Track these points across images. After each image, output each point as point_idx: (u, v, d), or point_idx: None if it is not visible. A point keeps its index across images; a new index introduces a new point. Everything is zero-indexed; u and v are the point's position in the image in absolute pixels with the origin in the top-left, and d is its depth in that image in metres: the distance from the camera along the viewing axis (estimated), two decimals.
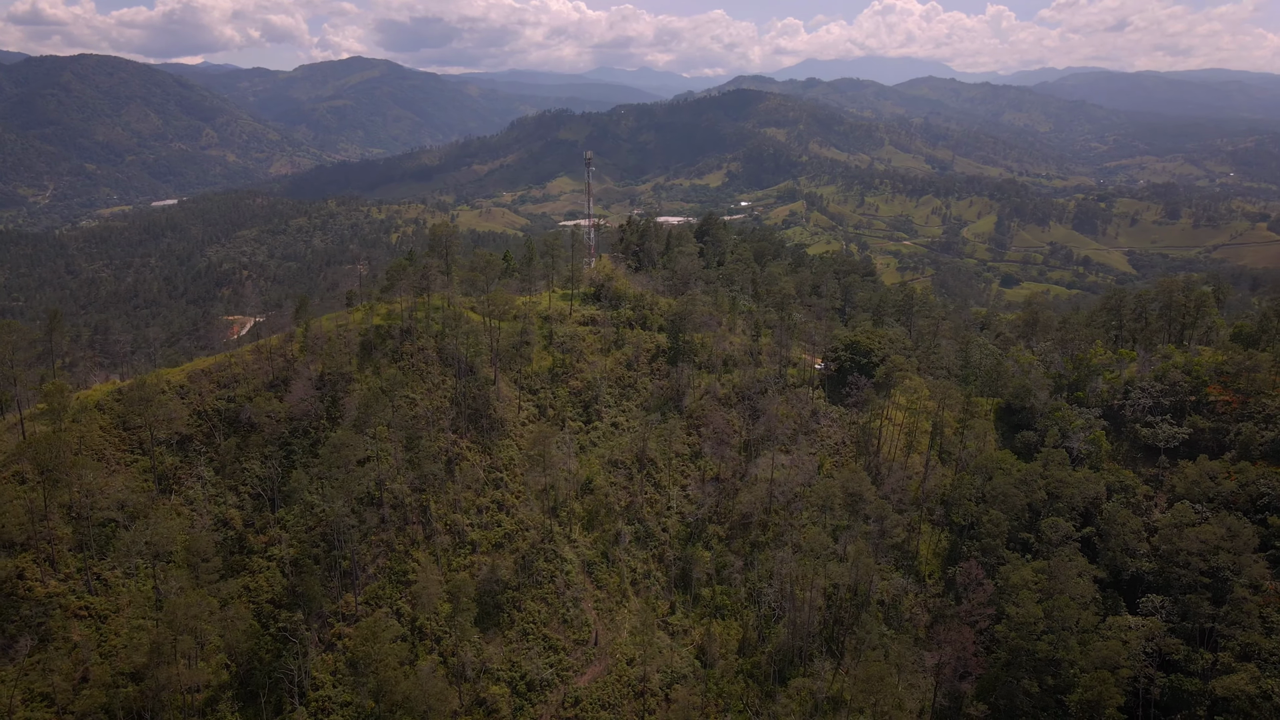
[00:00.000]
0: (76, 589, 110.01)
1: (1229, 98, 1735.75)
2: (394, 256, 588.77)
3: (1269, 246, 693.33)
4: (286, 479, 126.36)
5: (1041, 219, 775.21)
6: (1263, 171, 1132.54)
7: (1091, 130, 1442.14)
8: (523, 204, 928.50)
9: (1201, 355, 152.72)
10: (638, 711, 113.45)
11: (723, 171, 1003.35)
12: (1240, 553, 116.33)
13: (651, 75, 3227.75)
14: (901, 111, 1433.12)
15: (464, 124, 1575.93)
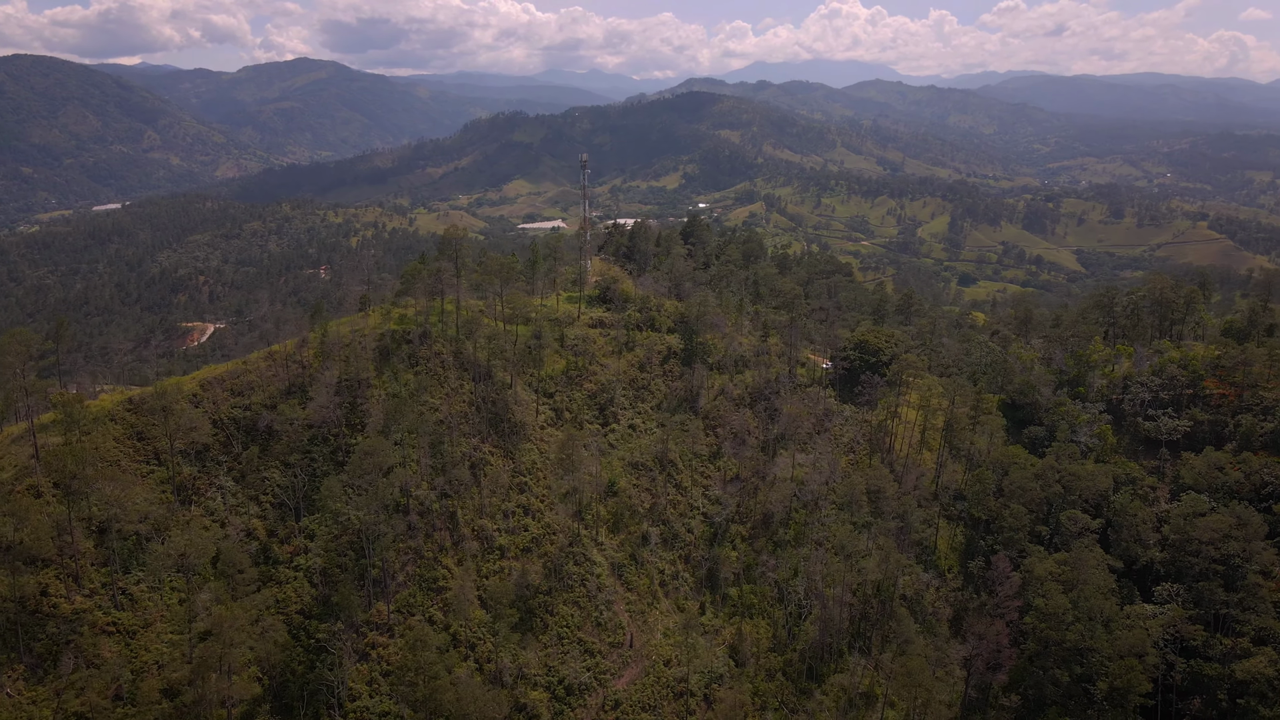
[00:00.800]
0: (103, 604, 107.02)
1: (1162, 100, 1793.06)
2: (355, 261, 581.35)
3: (1210, 244, 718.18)
4: (311, 487, 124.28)
5: (993, 219, 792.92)
6: (1197, 172, 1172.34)
7: (1034, 132, 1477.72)
8: (479, 207, 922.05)
9: (1195, 350, 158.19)
10: (678, 713, 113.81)
11: (679, 173, 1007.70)
12: (1250, 540, 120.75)
13: (602, 77, 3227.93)
14: (850, 114, 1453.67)
15: (414, 126, 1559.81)
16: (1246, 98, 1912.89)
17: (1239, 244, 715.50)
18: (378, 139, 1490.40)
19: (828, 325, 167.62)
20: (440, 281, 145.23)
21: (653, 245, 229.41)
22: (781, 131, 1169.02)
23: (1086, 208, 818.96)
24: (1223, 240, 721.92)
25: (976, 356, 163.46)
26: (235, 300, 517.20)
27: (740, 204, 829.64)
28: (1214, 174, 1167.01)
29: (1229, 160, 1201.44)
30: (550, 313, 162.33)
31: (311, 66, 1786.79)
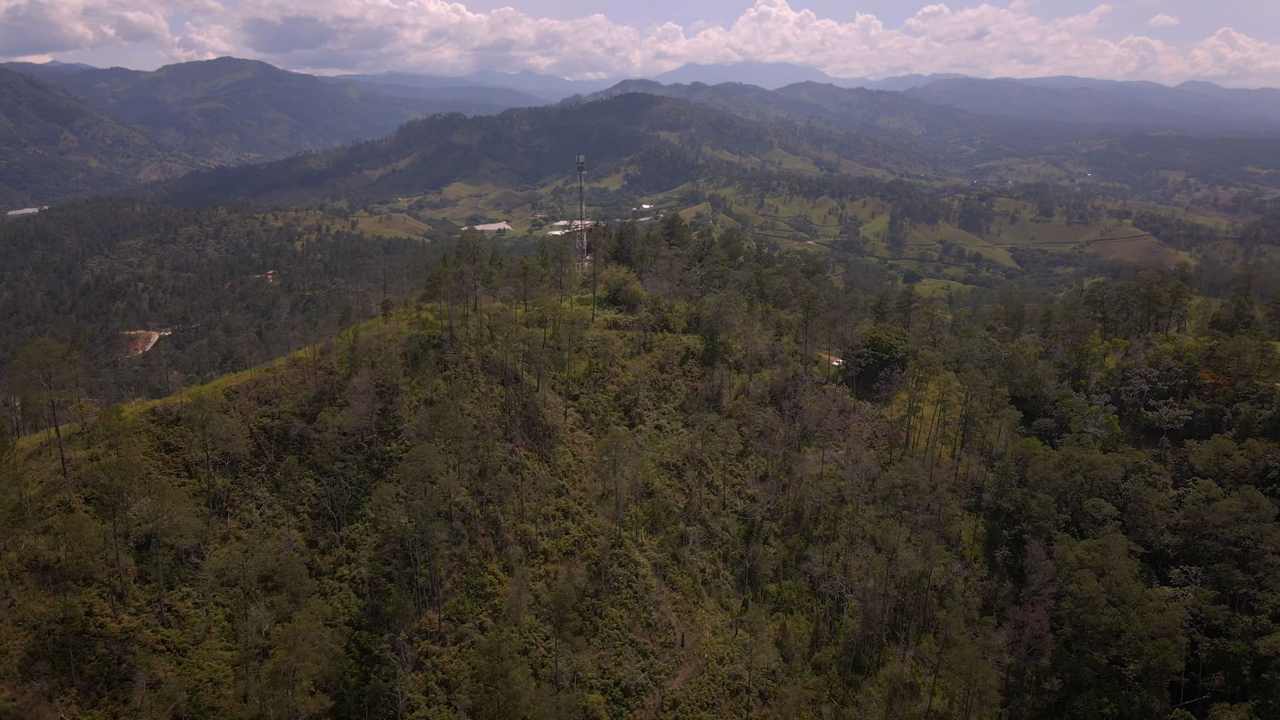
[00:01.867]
0: (150, 622, 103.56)
1: (1078, 103, 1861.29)
2: (302, 265, 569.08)
3: (1135, 241, 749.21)
4: (348, 496, 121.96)
5: (931, 218, 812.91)
6: (1115, 171, 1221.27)
7: (960, 134, 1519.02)
8: (420, 209, 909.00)
9: (1187, 341, 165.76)
10: (736, 709, 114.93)
11: (621, 174, 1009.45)
12: (1262, 522, 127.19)
13: (534, 79, 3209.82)
14: (784, 115, 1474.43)
15: (345, 127, 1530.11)
16: (1156, 100, 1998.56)
17: (1162, 240, 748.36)
18: (308, 141, 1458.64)
19: (839, 324, 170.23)
20: (464, 284, 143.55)
21: (642, 246, 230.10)
22: (719, 133, 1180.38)
23: (1018, 207, 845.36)
24: (1147, 237, 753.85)
25: (979, 352, 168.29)
26: (179, 307, 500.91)
27: (685, 204, 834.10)
28: (1131, 173, 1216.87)
29: (1144, 160, 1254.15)
30: (564, 315, 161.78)
31: (236, 66, 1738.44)
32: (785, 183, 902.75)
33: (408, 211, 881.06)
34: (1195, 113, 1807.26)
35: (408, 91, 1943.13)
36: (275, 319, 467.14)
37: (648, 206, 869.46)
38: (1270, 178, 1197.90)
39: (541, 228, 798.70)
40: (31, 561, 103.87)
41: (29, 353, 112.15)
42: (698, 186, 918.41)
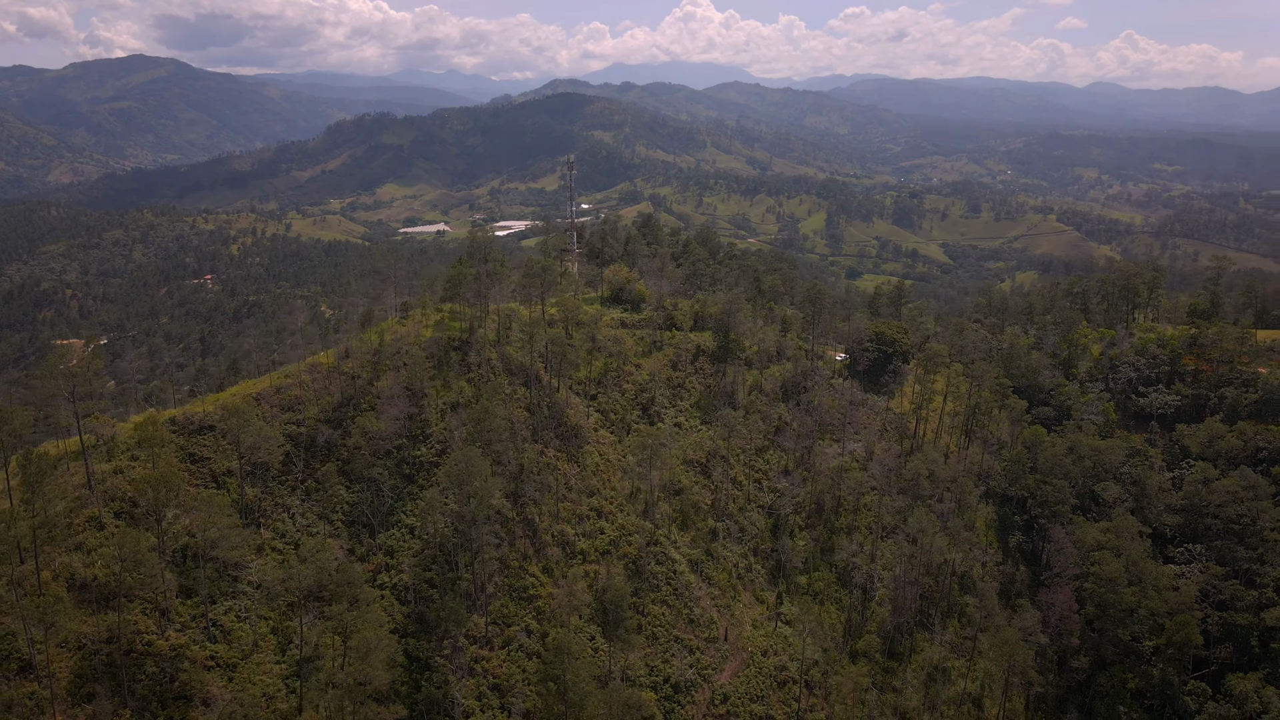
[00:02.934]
0: (196, 638, 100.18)
1: (994, 103, 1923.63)
2: (241, 269, 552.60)
3: (1060, 236, 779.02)
4: (381, 502, 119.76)
5: (865, 215, 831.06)
6: (1033, 169, 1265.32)
7: (885, 133, 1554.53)
8: (354, 211, 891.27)
9: (1167, 330, 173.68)
10: (784, 700, 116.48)
11: (556, 175, 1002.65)
12: (1259, 500, 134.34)
13: (460, 78, 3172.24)
14: (714, 114, 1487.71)
15: (268, 128, 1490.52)
16: (1067, 100, 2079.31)
17: (1085, 235, 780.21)
18: (229, 141, 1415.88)
19: (840, 320, 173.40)
20: (482, 286, 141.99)
21: (620, 245, 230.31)
22: (653, 132, 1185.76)
23: (947, 204, 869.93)
24: (1070, 232, 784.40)
25: (981, 345, 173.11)
26: (113, 314, 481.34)
27: (625, 204, 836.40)
28: (1048, 171, 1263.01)
29: (1059, 158, 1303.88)
30: (583, 315, 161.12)
31: (149, 64, 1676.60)
32: (722, 181, 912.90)
33: (341, 213, 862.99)
34: (1103, 112, 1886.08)
35: (331, 91, 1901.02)
36: (218, 325, 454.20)
37: (587, 206, 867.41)
38: (1176, 174, 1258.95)
39: (481, 228, 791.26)
40: (68, 580, 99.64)
41: (51, 363, 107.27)
42: (635, 186, 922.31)
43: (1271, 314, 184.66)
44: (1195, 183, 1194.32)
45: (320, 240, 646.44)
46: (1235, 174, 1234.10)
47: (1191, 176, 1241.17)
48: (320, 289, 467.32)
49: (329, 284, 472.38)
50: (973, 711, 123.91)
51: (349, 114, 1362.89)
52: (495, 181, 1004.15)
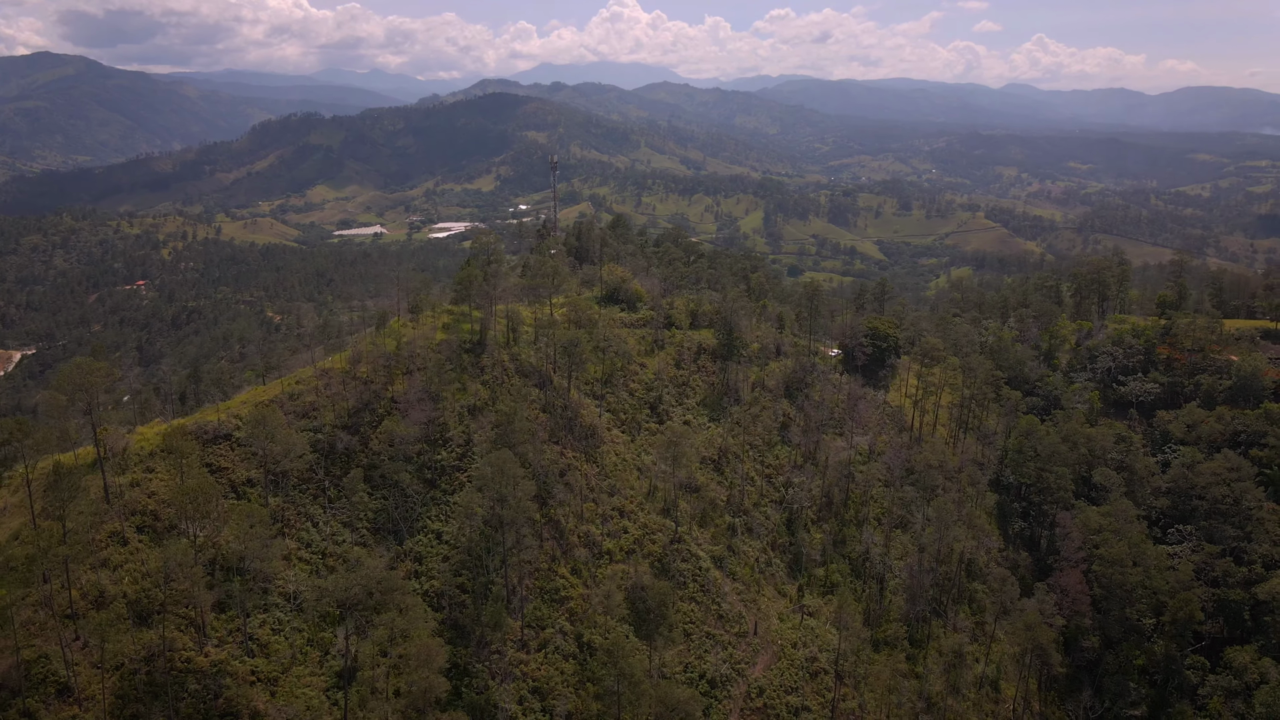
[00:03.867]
0: (235, 653, 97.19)
1: (916, 103, 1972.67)
2: (175, 275, 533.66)
3: (989, 233, 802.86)
4: (406, 508, 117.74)
5: (802, 214, 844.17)
6: (956, 168, 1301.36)
7: (813, 132, 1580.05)
8: (285, 214, 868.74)
9: (1141, 323, 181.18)
10: (817, 691, 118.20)
11: (493, 175, 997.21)
12: (1243, 481, 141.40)
13: (385, 77, 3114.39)
14: (645, 114, 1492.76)
15: (185, 128, 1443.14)
16: (984, 101, 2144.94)
17: (1012, 231, 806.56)
18: (144, 142, 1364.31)
19: (828, 316, 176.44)
20: (491, 287, 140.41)
21: (596, 244, 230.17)
22: (587, 132, 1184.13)
23: (880, 202, 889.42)
24: (999, 229, 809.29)
25: (974, 338, 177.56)
26: (40, 322, 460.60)
27: (564, 204, 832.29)
28: (970, 169, 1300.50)
29: (980, 157, 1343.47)
30: (596, 316, 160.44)
31: (55, 62, 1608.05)
32: (660, 181, 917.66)
33: (271, 215, 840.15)
34: (1018, 112, 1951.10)
35: (252, 90, 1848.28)
36: (156, 332, 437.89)
37: (525, 207, 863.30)
38: (1089, 172, 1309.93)
39: (420, 230, 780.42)
40: (97, 599, 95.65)
41: (67, 374, 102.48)
42: (573, 186, 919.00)
43: (1230, 304, 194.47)
44: (1108, 180, 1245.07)
45: (255, 244, 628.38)
46: (1144, 172, 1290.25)
47: (1104, 174, 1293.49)
48: (264, 293, 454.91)
49: (272, 289, 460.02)
50: (991, 694, 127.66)
51: (271, 114, 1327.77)
52: (430, 183, 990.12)
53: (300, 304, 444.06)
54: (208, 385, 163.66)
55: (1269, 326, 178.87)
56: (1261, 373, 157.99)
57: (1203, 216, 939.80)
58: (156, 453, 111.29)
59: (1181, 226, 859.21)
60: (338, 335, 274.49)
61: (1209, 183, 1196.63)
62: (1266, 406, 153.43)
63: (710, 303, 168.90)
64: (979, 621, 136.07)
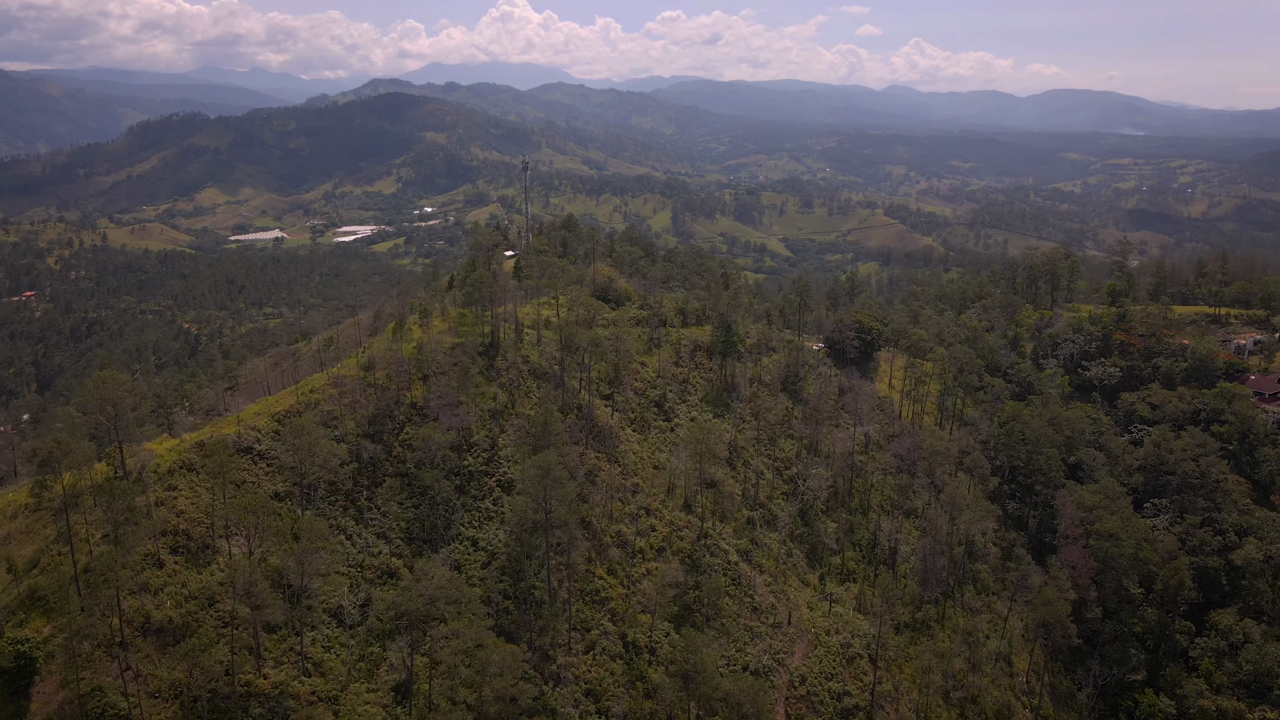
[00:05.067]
0: (291, 674, 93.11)
1: (805, 104, 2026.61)
2: (68, 284, 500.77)
3: (888, 229, 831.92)
4: (437, 516, 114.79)
5: (709, 212, 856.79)
6: (848, 166, 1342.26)
7: (708, 133, 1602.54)
8: (173, 218, 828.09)
9: (1091, 310, 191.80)
10: (854, 675, 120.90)
11: (394, 178, 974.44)
12: (1210, 455, 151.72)
13: (267, 76, 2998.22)
14: (542, 115, 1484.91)
15: (50, 129, 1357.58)
16: (868, 102, 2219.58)
17: (909, 228, 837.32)
18: (4, 143, 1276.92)
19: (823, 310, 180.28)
20: (498, 289, 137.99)
21: (557, 246, 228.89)
22: (487, 133, 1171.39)
23: (783, 200, 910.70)
24: (897, 225, 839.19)
25: (955, 329, 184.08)
26: None
27: (472, 206, 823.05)
28: (861, 168, 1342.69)
29: (869, 156, 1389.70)
30: (607, 316, 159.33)
31: None
32: (566, 182, 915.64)
33: (159, 221, 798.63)
34: (900, 113, 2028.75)
35: (122, 89, 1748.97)
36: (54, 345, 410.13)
37: (431, 210, 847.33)
38: (971, 170, 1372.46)
39: (324, 235, 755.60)
40: (143, 625, 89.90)
41: (92, 388, 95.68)
42: (478, 188, 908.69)
43: (1167, 290, 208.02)
44: (988, 177, 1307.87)
45: (149, 250, 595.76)
46: (1020, 169, 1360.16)
47: (984, 172, 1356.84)
48: (172, 302, 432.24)
49: (181, 297, 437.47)
50: (1005, 668, 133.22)
51: (145, 114, 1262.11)
52: (328, 185, 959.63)
53: (213, 313, 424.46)
54: (175, 398, 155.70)
55: (1208, 311, 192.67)
56: (1214, 354, 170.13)
57: (1078, 211, 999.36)
58: (177, 469, 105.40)
59: (1061, 221, 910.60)
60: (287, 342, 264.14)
61: (1079, 180, 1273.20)
62: (1222, 386, 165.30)
63: (698, 300, 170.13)
64: (985, 600, 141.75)
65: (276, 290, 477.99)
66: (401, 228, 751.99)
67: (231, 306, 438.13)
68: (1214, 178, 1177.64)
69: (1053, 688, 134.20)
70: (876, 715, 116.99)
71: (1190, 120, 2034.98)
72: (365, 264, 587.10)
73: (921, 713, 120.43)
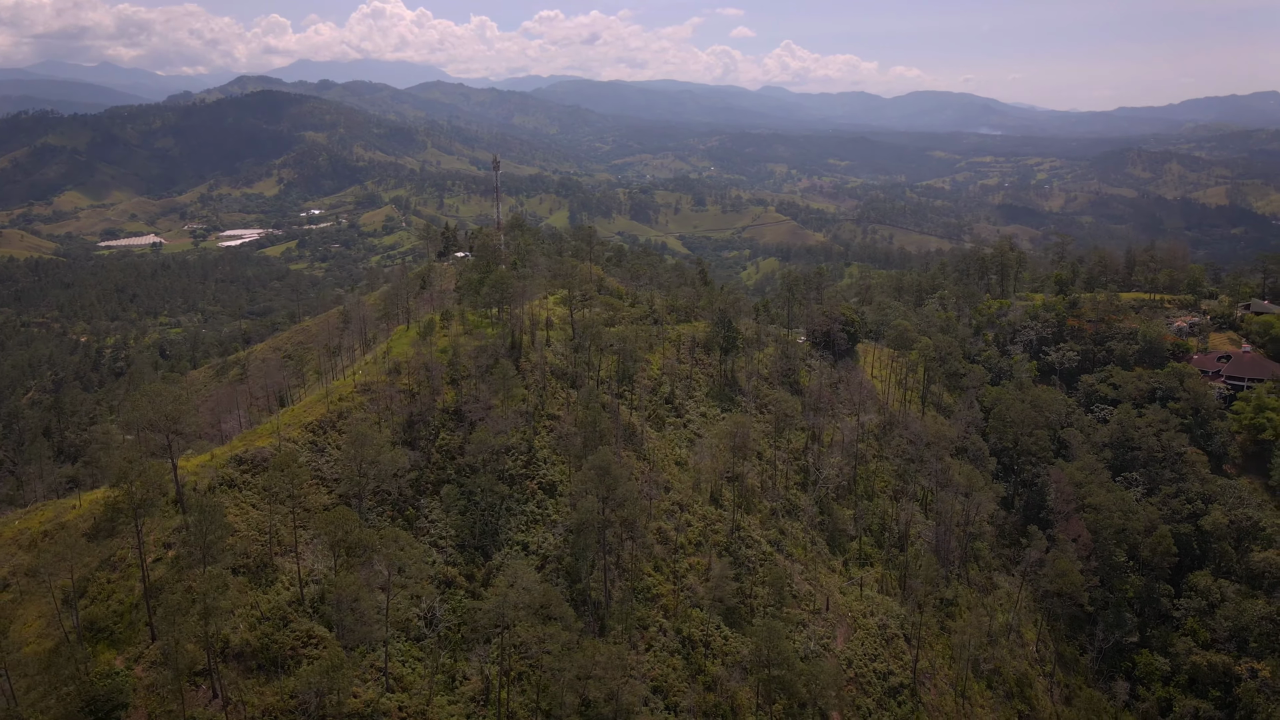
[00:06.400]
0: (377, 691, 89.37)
1: (684, 104, 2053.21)
2: None
3: (780, 225, 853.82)
4: (489, 521, 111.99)
5: (605, 211, 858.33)
6: (731, 165, 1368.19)
7: (592, 132, 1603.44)
8: (30, 223, 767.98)
9: (1040, 298, 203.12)
10: (894, 655, 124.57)
11: (274, 179, 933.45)
12: (1170, 430, 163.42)
13: (119, 72, 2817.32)
14: (422, 114, 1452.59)
15: None
16: (744, 102, 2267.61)
17: (801, 224, 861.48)
18: None
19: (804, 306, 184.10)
20: (519, 291, 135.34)
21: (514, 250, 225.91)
22: (369, 133, 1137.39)
23: (677, 199, 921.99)
24: (789, 222, 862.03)
25: (921, 320, 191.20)
26: None
27: (364, 207, 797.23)
28: (745, 166, 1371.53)
29: (752, 154, 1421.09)
30: (561, 315, 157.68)
31: None
32: (460, 182, 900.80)
33: (15, 226, 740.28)
34: (775, 113, 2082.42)
35: None
36: None
37: (319, 212, 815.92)
38: (848, 168, 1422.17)
39: (206, 239, 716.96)
40: (222, 649, 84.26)
41: (141, 401, 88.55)
42: (368, 189, 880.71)
43: (1099, 280, 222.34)
44: (865, 175, 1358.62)
45: (15, 259, 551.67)
46: (893, 167, 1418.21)
47: (861, 170, 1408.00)
48: (58, 313, 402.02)
49: (67, 308, 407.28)
50: (1018, 639, 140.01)
51: None
52: (203, 187, 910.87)
53: (105, 323, 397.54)
54: None
55: (1143, 297, 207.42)
56: (1163, 337, 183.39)
57: (952, 207, 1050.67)
58: (218, 486, 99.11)
59: (938, 216, 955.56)
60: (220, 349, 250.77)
61: (948, 177, 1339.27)
62: (1172, 365, 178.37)
63: (684, 298, 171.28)
64: (987, 575, 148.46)
65: (171, 298, 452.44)
66: (291, 230, 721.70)
67: (125, 316, 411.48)
68: (1067, 174, 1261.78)
69: (1059, 654, 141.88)
70: (920, 691, 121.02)
71: (1040, 121, 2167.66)
72: (260, 269, 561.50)
73: (957, 686, 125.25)
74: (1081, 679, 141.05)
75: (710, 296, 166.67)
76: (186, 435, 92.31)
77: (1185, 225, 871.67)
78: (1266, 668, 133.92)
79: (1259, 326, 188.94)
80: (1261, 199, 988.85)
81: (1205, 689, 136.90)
